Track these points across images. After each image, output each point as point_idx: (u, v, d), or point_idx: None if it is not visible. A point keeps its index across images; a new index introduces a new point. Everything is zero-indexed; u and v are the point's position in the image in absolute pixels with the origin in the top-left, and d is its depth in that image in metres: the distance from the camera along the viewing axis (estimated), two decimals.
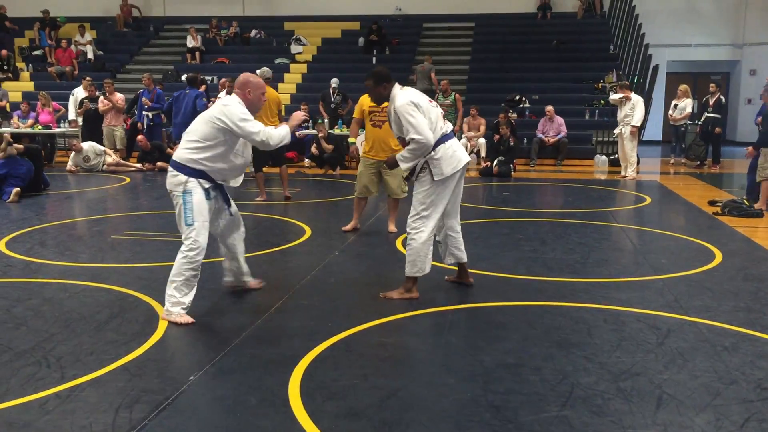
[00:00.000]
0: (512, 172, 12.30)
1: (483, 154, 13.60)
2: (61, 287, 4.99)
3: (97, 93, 13.38)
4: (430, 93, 15.80)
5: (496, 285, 5.16)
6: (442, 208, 4.69)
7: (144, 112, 13.14)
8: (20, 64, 18.77)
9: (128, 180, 11.18)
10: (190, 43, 18.57)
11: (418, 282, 4.76)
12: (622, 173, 12.06)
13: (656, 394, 3.25)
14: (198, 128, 4.29)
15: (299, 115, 4.61)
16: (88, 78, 13.98)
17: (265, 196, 9.06)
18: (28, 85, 17.64)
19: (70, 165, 12.17)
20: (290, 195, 9.16)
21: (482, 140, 13.68)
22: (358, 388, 3.31)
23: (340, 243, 6.55)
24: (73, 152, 12.28)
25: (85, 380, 3.36)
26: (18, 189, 8.91)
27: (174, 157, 4.35)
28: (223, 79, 12.65)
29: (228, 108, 4.22)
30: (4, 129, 12.92)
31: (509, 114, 13.77)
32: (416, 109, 4.50)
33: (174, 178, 4.29)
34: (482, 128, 13.78)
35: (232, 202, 4.62)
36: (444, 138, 4.63)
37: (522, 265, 5.74)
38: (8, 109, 14.43)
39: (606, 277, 5.42)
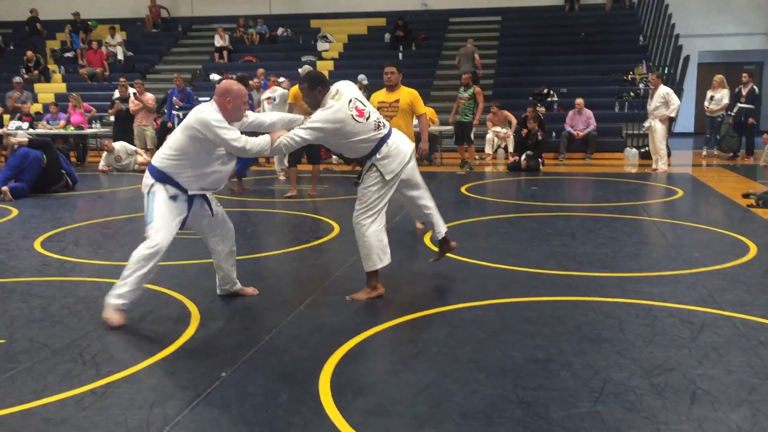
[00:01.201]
0: (541, 167, 12.21)
1: (510, 149, 13.53)
2: (95, 285, 5.08)
3: (128, 93, 13.55)
4: (473, 75, 15.91)
5: (525, 280, 5.13)
6: (385, 201, 4.66)
7: (174, 112, 13.28)
8: (52, 66, 19.09)
9: None
10: (218, 42, 18.72)
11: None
12: (653, 166, 11.90)
13: (690, 390, 3.20)
14: (175, 136, 4.25)
15: (279, 133, 4.39)
16: (123, 78, 14.16)
17: (296, 192, 9.11)
18: (60, 87, 17.94)
19: (102, 165, 12.36)
20: (315, 194, 9.20)
21: (501, 130, 13.61)
22: (388, 384, 3.31)
23: None
24: (105, 152, 12.47)
25: (120, 377, 3.41)
26: (6, 189, 9.05)
27: (153, 159, 4.36)
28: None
29: (203, 115, 4.12)
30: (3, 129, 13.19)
31: (537, 108, 13.66)
32: (330, 125, 4.36)
33: (145, 179, 4.31)
34: (513, 123, 13.69)
35: (216, 206, 4.54)
36: (384, 139, 4.57)
37: (551, 260, 5.69)
38: (30, 112, 14.63)
39: (637, 271, 5.36)
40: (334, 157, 13.15)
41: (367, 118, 4.50)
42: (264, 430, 2.89)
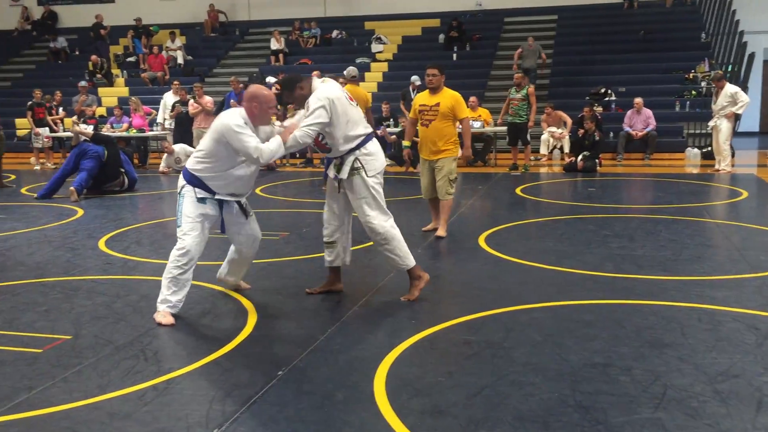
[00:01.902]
0: (598, 167, 11.99)
1: (566, 150, 13.33)
2: (156, 284, 5.18)
3: (188, 96, 13.87)
4: (534, 71, 16.00)
5: (582, 282, 5.05)
6: (382, 197, 4.62)
7: None
8: (115, 71, 19.66)
9: None
10: (274, 45, 18.99)
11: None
12: (716, 167, 11.56)
13: (756, 397, 3.10)
14: (205, 140, 4.41)
15: (293, 128, 4.44)
16: (177, 82, 14.49)
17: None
18: (123, 91, 18.47)
19: (162, 166, 12.67)
20: None
21: (556, 131, 13.42)
22: (443, 386, 3.31)
23: (422, 241, 6.56)
24: (166, 154, 12.79)
25: (180, 373, 3.49)
26: (73, 189, 9.40)
27: (187, 162, 4.53)
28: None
29: (226, 120, 4.25)
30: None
31: (594, 108, 13.43)
32: (325, 110, 4.34)
33: (179, 180, 4.50)
34: (569, 123, 13.49)
35: (253, 222, 4.72)
36: (370, 136, 4.59)
37: (609, 263, 5.59)
38: (95, 114, 15.11)
39: (700, 274, 5.22)
40: (386, 158, 13.17)
41: (356, 106, 4.60)
42: (320, 428, 2.92)
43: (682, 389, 3.20)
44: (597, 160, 12.07)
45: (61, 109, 15.76)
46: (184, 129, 13.79)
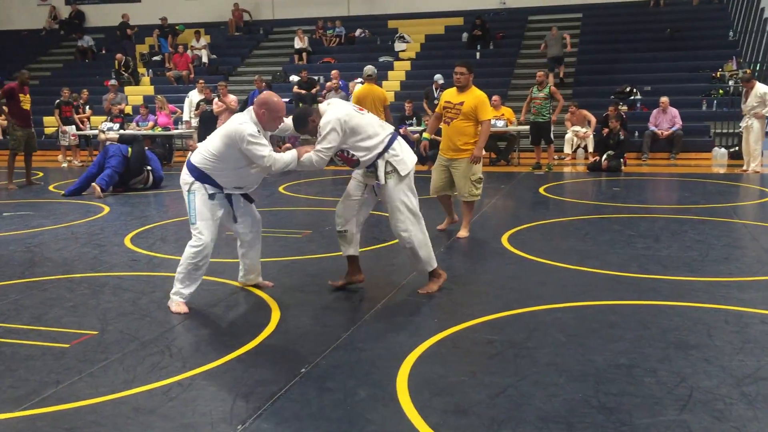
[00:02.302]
0: (623, 167, 11.88)
1: (590, 149, 13.23)
2: None
3: (213, 95, 13.97)
4: (559, 59, 16.15)
5: (606, 283, 5.01)
6: (416, 202, 4.69)
7: None
8: (141, 70, 19.86)
9: None
10: (298, 44, 19.05)
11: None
12: (744, 167, 11.39)
13: None
14: (215, 141, 4.44)
15: (307, 148, 4.52)
16: (201, 81, 14.61)
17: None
18: (149, 90, 18.64)
19: None
20: None
21: (581, 130, 13.31)
22: (466, 385, 3.30)
23: (445, 239, 6.55)
24: (190, 152, 12.88)
25: (205, 370, 3.52)
26: (96, 185, 9.61)
27: (191, 156, 4.55)
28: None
29: (240, 127, 4.29)
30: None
31: (619, 107, 13.31)
32: (336, 132, 4.38)
33: (184, 176, 4.54)
34: (593, 122, 13.39)
35: (252, 207, 4.78)
36: (394, 137, 4.62)
37: (634, 263, 5.54)
38: (125, 113, 15.33)
39: (727, 276, 5.15)
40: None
41: (368, 113, 4.65)
42: (343, 426, 2.93)
43: (708, 391, 3.16)
44: (622, 160, 11.96)
45: (88, 107, 15.96)
46: (209, 127, 13.84)
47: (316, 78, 16.53)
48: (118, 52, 19.62)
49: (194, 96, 14.56)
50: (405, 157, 4.59)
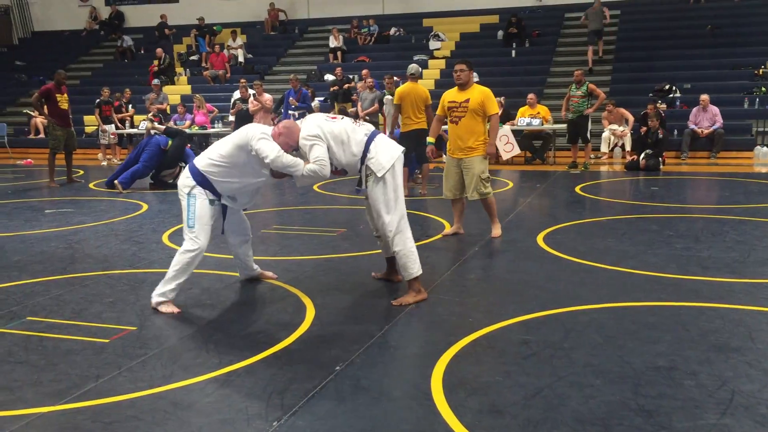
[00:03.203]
0: (661, 166, 11.69)
1: (628, 148, 13.04)
2: (217, 278, 5.32)
3: (249, 93, 14.09)
4: (599, 33, 16.39)
5: (644, 284, 4.93)
6: (402, 199, 4.61)
7: (290, 112, 13.67)
8: (179, 69, 20.13)
9: None
10: (333, 43, 19.12)
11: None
12: None
13: None
14: (225, 143, 4.48)
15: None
16: (243, 80, 14.74)
17: (408, 192, 9.16)
18: (186, 89, 18.89)
19: None
20: (425, 192, 9.22)
21: (618, 128, 13.12)
22: (501, 385, 3.28)
23: (479, 239, 6.51)
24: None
25: (241, 366, 3.56)
26: (119, 183, 9.97)
27: (195, 160, 4.56)
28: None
29: (254, 127, 4.43)
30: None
31: (658, 105, 13.09)
32: (318, 138, 4.42)
33: (185, 179, 4.54)
34: (631, 120, 13.20)
35: (242, 214, 4.95)
36: (370, 138, 4.56)
37: (673, 264, 5.44)
38: (159, 111, 15.56)
39: None
40: (444, 155, 13.11)
41: (342, 118, 4.64)
42: (377, 424, 2.94)
43: (751, 395, 3.09)
44: (660, 159, 11.77)
45: (130, 106, 16.24)
46: (244, 126, 13.99)
47: (351, 77, 16.58)
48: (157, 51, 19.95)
49: (237, 95, 14.71)
50: (380, 157, 4.53)
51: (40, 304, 4.69)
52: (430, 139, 6.90)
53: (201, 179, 4.49)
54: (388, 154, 4.56)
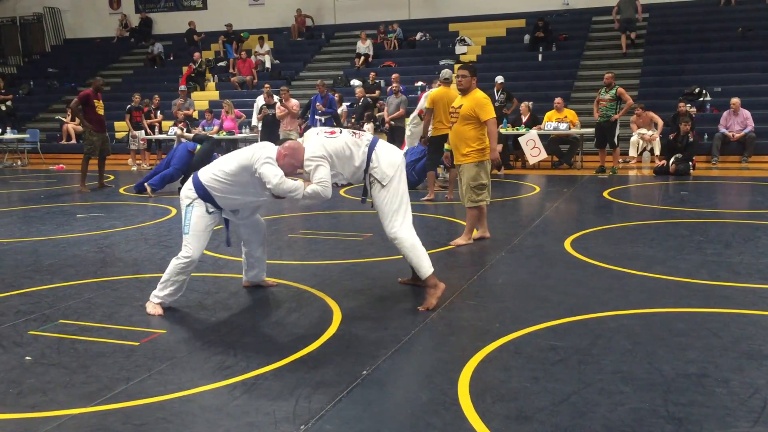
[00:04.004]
0: (691, 170, 11.54)
1: (657, 152, 12.89)
2: None
3: (274, 99, 14.19)
4: (630, 22, 16.57)
5: (674, 290, 4.87)
6: (407, 202, 4.65)
7: (317, 117, 13.74)
8: (207, 75, 20.35)
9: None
10: (360, 47, 19.20)
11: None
12: None
13: None
14: (230, 161, 4.52)
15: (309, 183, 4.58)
16: (268, 85, 14.86)
17: (433, 196, 9.17)
18: (214, 95, 19.08)
19: None
20: (452, 197, 9.21)
21: (647, 132, 12.98)
22: (528, 391, 3.26)
23: (506, 243, 6.48)
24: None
25: (268, 370, 3.58)
26: (148, 186, 10.27)
27: (199, 173, 4.60)
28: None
29: (260, 149, 4.45)
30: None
31: (688, 108, 12.93)
32: (322, 159, 4.46)
33: (187, 191, 4.59)
34: (660, 124, 13.05)
35: (259, 217, 4.97)
36: (371, 148, 4.60)
37: (704, 269, 5.37)
38: (192, 117, 15.78)
39: None
40: None
41: (340, 132, 4.68)
42: (404, 429, 2.94)
43: None
44: (690, 163, 11.62)
45: (159, 112, 16.46)
46: (271, 131, 14.09)
47: (377, 82, 16.62)
48: (186, 58, 20.16)
49: (261, 101, 14.84)
50: (383, 165, 4.58)
51: (72, 307, 4.76)
52: (447, 146, 6.92)
53: (203, 193, 4.53)
54: (390, 161, 4.62)
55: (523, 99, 14.09)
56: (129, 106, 15.37)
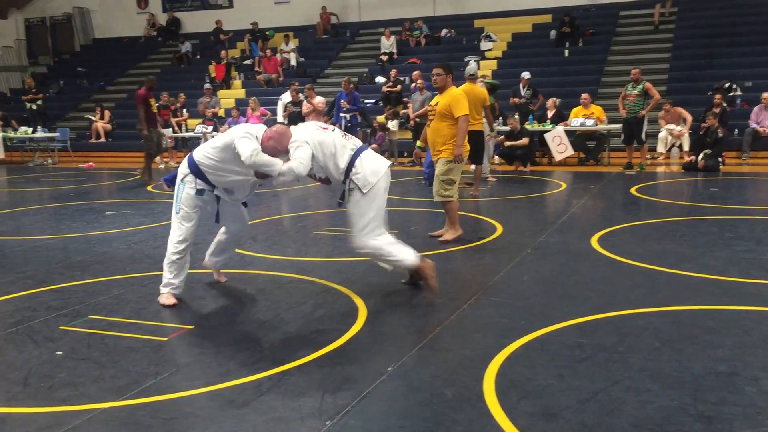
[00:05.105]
0: (721, 166, 11.37)
1: (686, 148, 12.72)
2: (271, 279, 5.40)
3: (300, 97, 14.26)
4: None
5: (703, 287, 4.81)
6: (383, 212, 4.68)
7: (341, 114, 13.79)
8: (233, 73, 20.50)
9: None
10: (385, 44, 19.19)
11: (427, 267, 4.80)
12: None
13: None
14: (218, 141, 4.65)
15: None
16: (295, 83, 14.92)
17: (459, 193, 9.13)
18: (240, 93, 19.21)
19: None
20: (477, 194, 9.17)
21: (675, 128, 12.80)
22: (554, 389, 3.24)
23: (532, 240, 6.44)
24: None
25: (294, 366, 3.60)
26: (164, 183, 10.18)
27: (194, 151, 4.75)
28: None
29: (242, 125, 4.59)
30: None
31: (722, 102, 12.73)
32: (306, 143, 4.52)
33: (182, 167, 4.75)
34: (689, 120, 12.88)
35: (245, 212, 5.09)
36: (357, 153, 4.61)
37: (734, 267, 5.29)
38: (217, 115, 15.92)
39: None
40: (495, 156, 13.03)
41: (333, 130, 4.72)
42: (429, 426, 2.94)
43: None
44: (720, 159, 11.45)
45: (185, 110, 16.62)
46: None
47: (401, 79, 16.60)
48: (212, 57, 20.31)
49: (286, 98, 14.91)
50: (366, 173, 4.59)
51: (101, 303, 4.84)
52: (418, 143, 7.08)
53: (195, 169, 4.68)
54: (374, 169, 4.64)
55: (549, 95, 13.98)
56: (157, 104, 15.53)
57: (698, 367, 3.43)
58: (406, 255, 4.75)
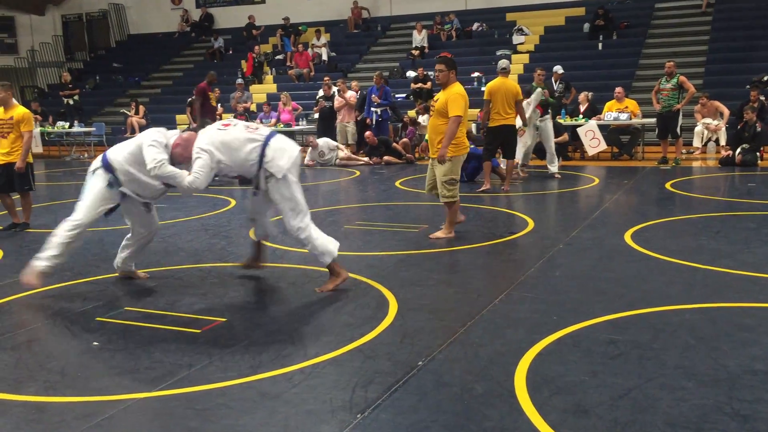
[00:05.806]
0: (759, 161, 11.14)
1: (723, 142, 12.49)
2: (302, 272, 5.43)
3: (331, 92, 14.29)
4: None
5: (740, 284, 4.72)
6: (302, 196, 4.77)
7: (372, 109, 13.79)
8: (265, 68, 20.63)
9: (358, 173, 11.84)
10: (416, 39, 19.14)
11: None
12: None
13: None
14: (131, 143, 4.81)
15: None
16: (327, 78, 14.96)
17: (489, 186, 9.11)
18: (272, 87, 19.32)
19: (307, 160, 13.16)
20: (508, 188, 9.12)
21: (712, 122, 12.56)
22: (586, 385, 3.22)
23: (564, 236, 6.39)
24: (310, 148, 13.28)
25: (325, 359, 3.63)
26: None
27: (110, 150, 4.89)
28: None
29: (150, 131, 4.73)
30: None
31: (759, 97, 12.46)
32: (203, 153, 4.60)
33: (95, 162, 4.88)
34: (726, 114, 12.64)
35: (154, 215, 5.20)
36: (265, 142, 4.69)
37: None
38: (249, 110, 16.05)
39: None
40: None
41: (234, 126, 4.83)
42: (460, 420, 2.94)
43: None
44: (758, 154, 11.22)
45: (219, 105, 16.76)
46: (328, 123, 14.21)
47: (429, 74, 16.54)
48: (245, 52, 20.45)
49: (321, 93, 14.98)
50: (277, 158, 4.66)
51: (136, 295, 4.92)
52: (427, 137, 7.09)
53: (108, 165, 4.81)
54: (285, 155, 4.72)
55: (582, 89, 13.82)
56: (189, 99, 15.69)
57: (734, 365, 3.37)
58: (329, 249, 4.83)
